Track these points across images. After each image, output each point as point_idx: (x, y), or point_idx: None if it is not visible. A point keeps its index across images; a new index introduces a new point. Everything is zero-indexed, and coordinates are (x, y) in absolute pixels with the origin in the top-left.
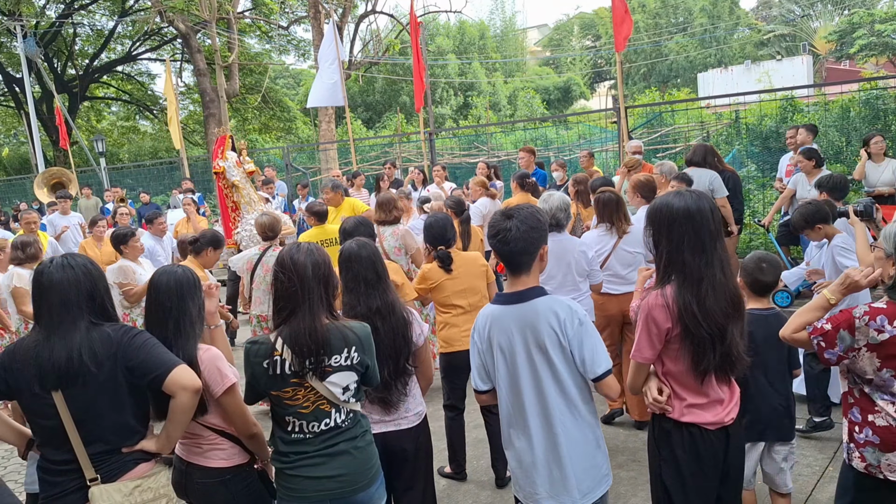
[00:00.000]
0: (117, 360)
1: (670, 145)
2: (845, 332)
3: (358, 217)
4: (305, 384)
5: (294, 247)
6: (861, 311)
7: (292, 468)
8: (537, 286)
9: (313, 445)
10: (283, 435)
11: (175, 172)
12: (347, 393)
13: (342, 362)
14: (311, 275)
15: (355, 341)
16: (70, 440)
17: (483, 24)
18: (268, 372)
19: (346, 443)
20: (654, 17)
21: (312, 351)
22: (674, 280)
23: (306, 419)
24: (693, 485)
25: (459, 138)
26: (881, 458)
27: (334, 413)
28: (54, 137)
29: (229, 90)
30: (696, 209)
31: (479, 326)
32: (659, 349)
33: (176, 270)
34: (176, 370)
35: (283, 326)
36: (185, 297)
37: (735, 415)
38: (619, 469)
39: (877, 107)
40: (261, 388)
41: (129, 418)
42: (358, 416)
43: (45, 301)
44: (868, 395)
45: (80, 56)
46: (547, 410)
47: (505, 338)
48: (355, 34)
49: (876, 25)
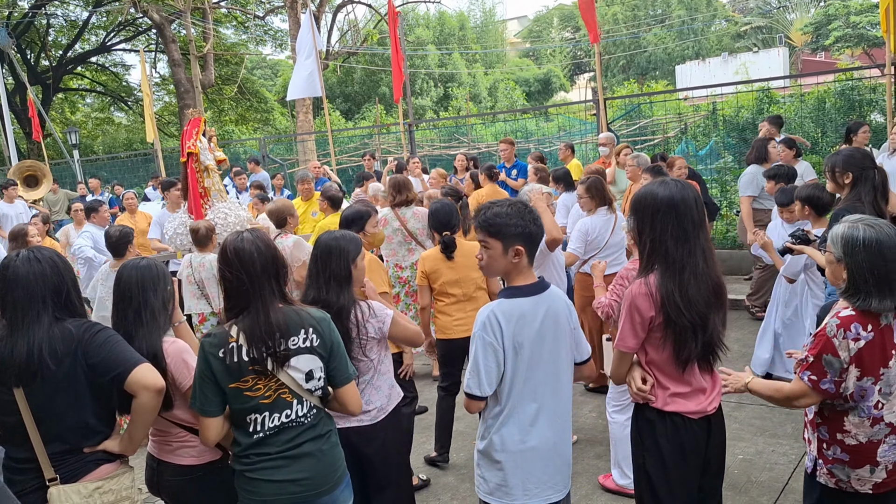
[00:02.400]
0: (77, 358)
1: (648, 137)
2: (830, 357)
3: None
4: (266, 372)
5: (237, 239)
6: (833, 327)
7: (252, 470)
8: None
9: (275, 446)
10: (243, 436)
11: (150, 164)
12: (312, 381)
13: (300, 344)
14: (260, 269)
15: (312, 323)
16: (30, 438)
17: (463, 15)
18: (224, 361)
19: (310, 443)
20: (633, 9)
21: (270, 335)
22: (657, 269)
23: (268, 411)
24: (676, 474)
25: (439, 130)
26: (851, 474)
27: (296, 404)
28: (27, 130)
29: (205, 81)
30: (681, 198)
31: (503, 326)
32: (642, 337)
33: (140, 262)
34: (138, 369)
35: (237, 319)
36: (147, 289)
37: (717, 404)
38: (597, 459)
39: (852, 98)
40: (217, 382)
41: (89, 418)
42: (322, 413)
43: (9, 295)
44: (839, 413)
45: (54, 47)
46: (560, 397)
47: (531, 331)
48: (333, 24)
49: (851, 17)
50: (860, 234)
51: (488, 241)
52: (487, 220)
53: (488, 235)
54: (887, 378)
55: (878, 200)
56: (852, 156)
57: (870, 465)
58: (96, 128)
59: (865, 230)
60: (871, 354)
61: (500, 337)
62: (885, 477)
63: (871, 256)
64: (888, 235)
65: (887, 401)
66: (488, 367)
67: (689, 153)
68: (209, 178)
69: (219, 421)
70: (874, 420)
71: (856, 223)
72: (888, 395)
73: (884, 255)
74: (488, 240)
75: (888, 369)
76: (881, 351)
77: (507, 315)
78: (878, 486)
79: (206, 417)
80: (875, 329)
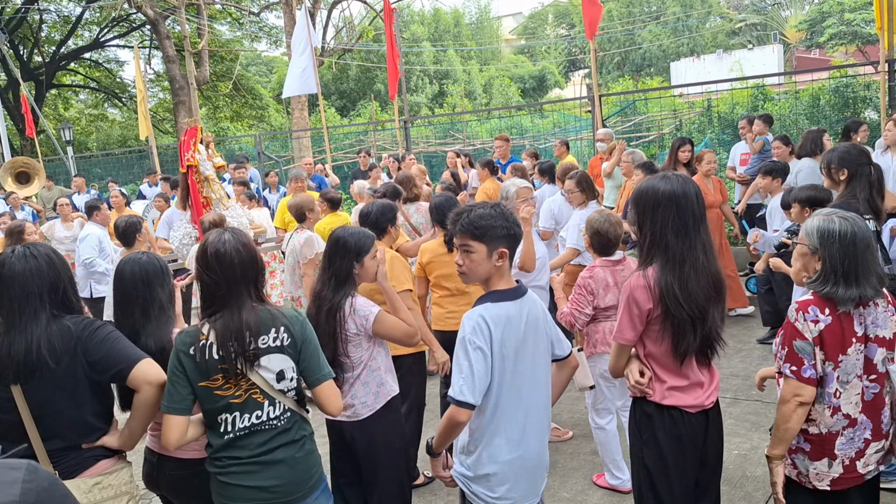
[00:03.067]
0: (77, 355)
1: (643, 133)
2: (799, 342)
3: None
4: (236, 371)
5: (217, 240)
6: (792, 311)
7: (225, 474)
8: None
9: (247, 450)
10: (216, 437)
11: (144, 161)
12: (284, 381)
13: (270, 343)
14: (239, 273)
15: (284, 322)
16: (28, 435)
17: (458, 12)
18: (195, 358)
19: (283, 449)
20: (628, 5)
21: (240, 335)
22: (656, 262)
23: (238, 411)
24: (674, 467)
25: (435, 126)
26: (809, 467)
27: (267, 406)
28: (20, 126)
29: (199, 77)
30: (682, 193)
31: (492, 331)
32: (640, 330)
33: (140, 257)
34: (140, 364)
35: (211, 318)
36: (153, 283)
37: (714, 399)
38: (594, 455)
39: (846, 95)
40: (188, 380)
41: (88, 415)
42: (296, 417)
43: (5, 292)
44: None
45: (47, 43)
46: (542, 403)
47: (516, 336)
48: (328, 21)
49: (845, 14)
50: (836, 227)
51: (472, 244)
52: (472, 223)
53: (472, 238)
54: (845, 366)
55: (873, 197)
56: (848, 152)
57: (828, 457)
58: (90, 124)
59: (841, 223)
60: (831, 338)
61: (489, 342)
62: (842, 472)
63: (845, 248)
64: (861, 228)
65: (844, 389)
66: (479, 372)
67: None
68: (209, 188)
69: (183, 420)
70: (833, 410)
71: (830, 216)
72: (845, 383)
73: (856, 246)
74: (472, 243)
75: (846, 356)
76: (840, 336)
77: (496, 320)
78: (836, 481)
79: (171, 415)
80: (832, 314)
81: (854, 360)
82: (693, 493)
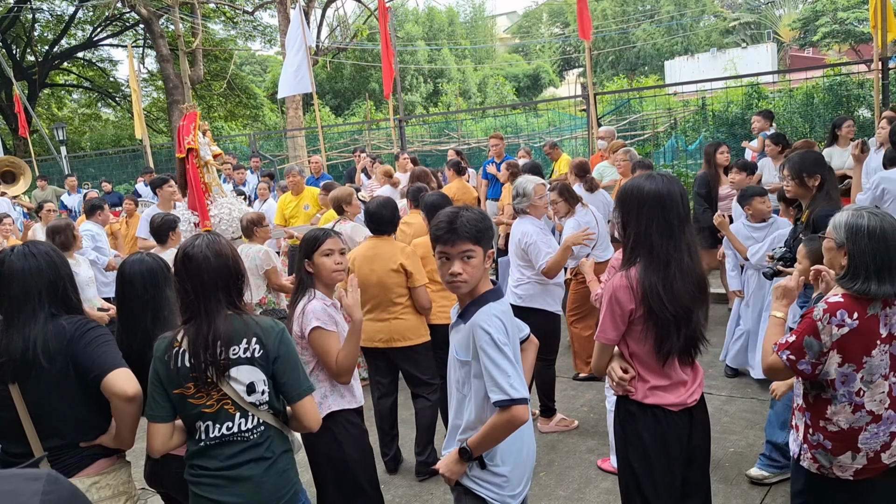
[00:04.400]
0: (67, 356)
1: (638, 132)
2: (811, 339)
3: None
4: (206, 380)
5: (189, 246)
6: (820, 311)
7: (195, 483)
8: None
9: (216, 461)
10: (192, 443)
11: (138, 160)
12: (255, 395)
13: (241, 354)
14: (207, 279)
15: (257, 332)
16: (26, 434)
17: (452, 11)
18: (168, 365)
19: (251, 465)
20: (622, 4)
21: (209, 343)
22: (640, 262)
23: (211, 420)
24: (659, 466)
25: (429, 125)
26: (833, 461)
27: (238, 417)
28: (13, 125)
29: (193, 76)
30: (667, 192)
31: (507, 328)
32: (622, 330)
33: (145, 259)
34: (112, 374)
35: (186, 325)
36: (162, 285)
37: (698, 396)
38: (589, 453)
39: (839, 93)
40: (163, 387)
41: (85, 413)
42: (271, 432)
43: (4, 290)
44: (822, 401)
45: (40, 42)
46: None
47: (512, 331)
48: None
49: (838, 13)
50: (864, 222)
51: (473, 249)
52: (474, 227)
53: (474, 243)
54: (870, 366)
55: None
56: (816, 160)
57: (851, 451)
58: (83, 123)
59: (870, 218)
60: (853, 342)
61: (509, 338)
62: (866, 463)
63: (875, 243)
64: (891, 224)
65: (869, 388)
66: (515, 366)
67: (679, 148)
68: (209, 174)
69: (165, 428)
70: (855, 407)
71: (859, 211)
72: (870, 382)
73: (887, 242)
74: (473, 248)
75: (871, 358)
76: (865, 339)
77: (507, 316)
78: (859, 472)
79: (153, 423)
80: (861, 318)
81: (878, 361)
82: (680, 492)
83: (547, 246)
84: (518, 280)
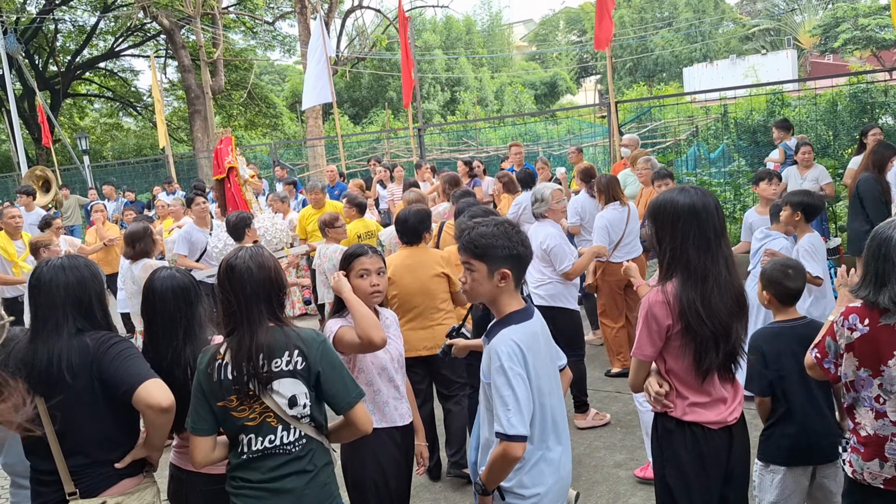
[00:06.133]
0: (92, 372)
1: (659, 140)
2: (830, 340)
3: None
4: (249, 392)
5: (232, 258)
6: (838, 314)
7: (236, 495)
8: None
9: (258, 473)
10: (234, 456)
11: (160, 170)
12: (297, 408)
13: (283, 367)
14: (250, 290)
15: (298, 345)
16: (52, 450)
17: (469, 20)
18: (211, 378)
19: (293, 478)
20: (640, 11)
21: (252, 356)
22: (676, 277)
23: (254, 433)
24: (696, 485)
25: (447, 134)
26: (864, 466)
27: (280, 430)
28: (36, 135)
29: (214, 86)
30: (702, 206)
31: (525, 355)
32: (660, 346)
33: (175, 275)
34: (144, 385)
35: (230, 338)
36: (193, 302)
37: (738, 414)
38: (617, 468)
39: (863, 100)
40: (207, 400)
41: (111, 430)
42: (313, 444)
43: (34, 302)
44: (852, 404)
45: (62, 52)
46: (564, 414)
47: (541, 356)
48: (342, 29)
49: (859, 19)
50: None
51: (473, 263)
52: (472, 241)
53: (473, 257)
54: (889, 376)
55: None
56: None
57: (879, 459)
58: (105, 133)
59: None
60: (865, 348)
61: (524, 366)
62: (895, 474)
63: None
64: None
65: (889, 398)
66: (524, 400)
67: (701, 156)
68: (248, 192)
69: (207, 441)
70: (878, 413)
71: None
72: (890, 392)
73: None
74: (473, 262)
75: (888, 367)
76: (877, 346)
77: (526, 342)
78: (888, 482)
79: (195, 436)
80: (872, 325)
81: None
82: None
83: (570, 249)
84: (539, 280)
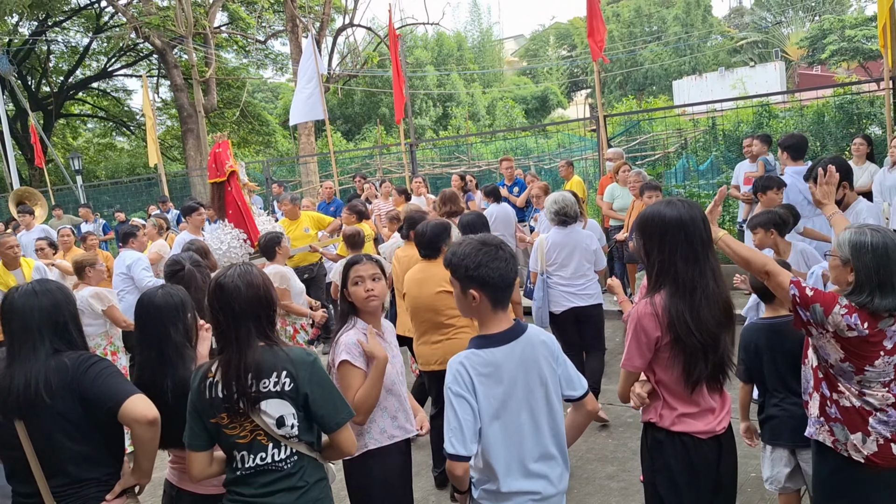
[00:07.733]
0: (73, 392)
1: (648, 153)
2: (821, 309)
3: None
4: (238, 411)
5: (222, 276)
6: (844, 303)
7: None
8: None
9: (251, 488)
10: (230, 471)
11: (153, 189)
12: (284, 427)
13: (270, 388)
14: (238, 309)
15: (286, 366)
16: (33, 472)
17: (460, 36)
18: (203, 395)
19: (283, 494)
20: (629, 26)
21: (240, 375)
22: (665, 289)
23: (245, 451)
24: (687, 494)
25: (440, 149)
26: (849, 437)
27: (271, 448)
28: (29, 156)
29: (207, 105)
30: (689, 218)
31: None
32: (648, 358)
33: (155, 294)
34: (129, 401)
35: (220, 356)
36: (167, 323)
37: (727, 424)
38: (609, 480)
39: (850, 111)
40: (200, 416)
41: (91, 450)
42: (305, 461)
43: (7, 326)
44: (833, 375)
45: (55, 73)
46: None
47: (506, 381)
48: (333, 47)
49: (846, 31)
50: (867, 239)
51: (452, 280)
52: (448, 259)
53: (451, 275)
54: (870, 374)
55: None
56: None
57: (862, 433)
58: (98, 153)
59: (872, 235)
60: (856, 347)
61: (471, 388)
62: (876, 450)
63: (878, 258)
64: (892, 240)
65: (870, 388)
66: (467, 421)
67: (690, 168)
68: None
69: (203, 456)
70: (860, 393)
71: (861, 229)
72: (868, 388)
73: (889, 257)
74: (452, 279)
75: (873, 367)
76: (867, 348)
77: (477, 367)
78: (871, 457)
79: (191, 451)
80: (871, 329)
81: (881, 370)
82: None
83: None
84: (589, 280)
